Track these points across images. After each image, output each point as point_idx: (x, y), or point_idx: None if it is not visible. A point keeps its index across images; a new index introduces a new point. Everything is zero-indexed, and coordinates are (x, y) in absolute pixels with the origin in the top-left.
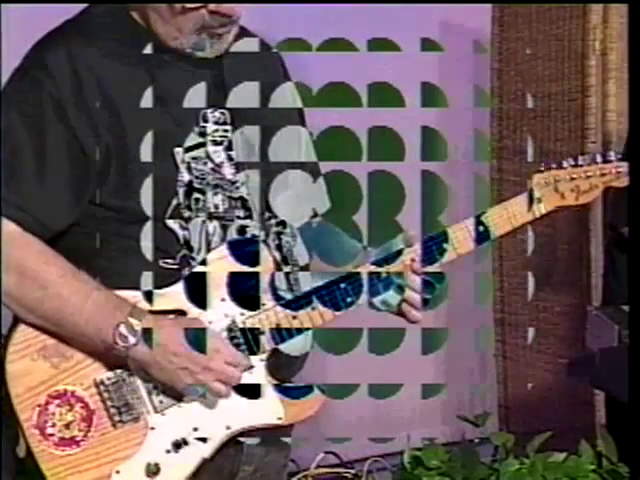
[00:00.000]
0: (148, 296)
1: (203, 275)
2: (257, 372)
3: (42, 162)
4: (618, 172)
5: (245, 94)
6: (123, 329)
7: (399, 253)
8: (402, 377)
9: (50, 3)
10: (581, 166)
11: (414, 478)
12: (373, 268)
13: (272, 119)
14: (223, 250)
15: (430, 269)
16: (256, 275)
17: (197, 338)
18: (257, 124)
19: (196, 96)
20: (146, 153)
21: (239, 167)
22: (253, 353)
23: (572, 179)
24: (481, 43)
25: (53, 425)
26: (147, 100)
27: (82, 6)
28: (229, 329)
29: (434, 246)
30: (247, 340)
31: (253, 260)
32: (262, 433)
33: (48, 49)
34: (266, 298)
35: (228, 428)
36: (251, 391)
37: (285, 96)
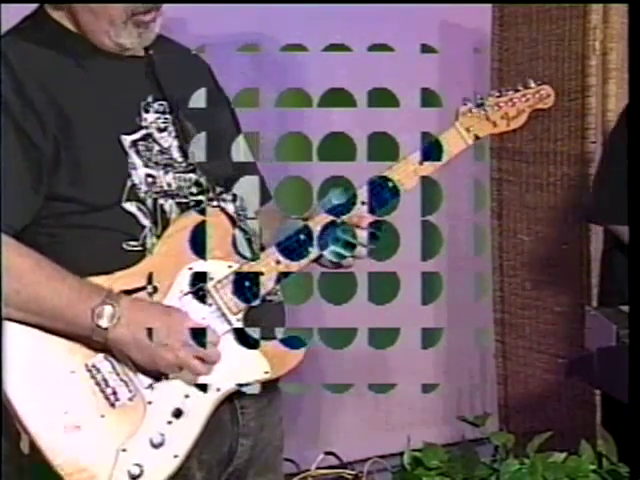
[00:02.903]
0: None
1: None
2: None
3: None
4: (540, 95)
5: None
6: (100, 311)
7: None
8: (401, 375)
9: (49, 3)
10: (505, 95)
11: (414, 478)
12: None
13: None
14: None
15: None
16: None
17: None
18: (195, 122)
19: (133, 87)
20: (93, 143)
21: (186, 149)
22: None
23: (499, 107)
24: (481, 44)
25: (52, 415)
26: (87, 93)
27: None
28: (199, 296)
29: (383, 189)
30: (223, 302)
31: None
32: (254, 400)
33: None
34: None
35: (218, 390)
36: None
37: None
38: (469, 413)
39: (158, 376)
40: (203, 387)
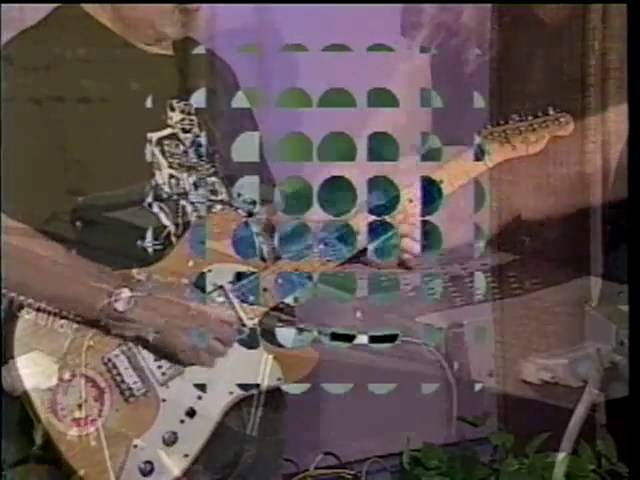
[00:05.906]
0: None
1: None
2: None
3: (21, 152)
4: (560, 122)
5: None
6: (118, 294)
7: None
8: (401, 375)
9: (50, 3)
10: (526, 120)
11: (413, 478)
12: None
13: (231, 121)
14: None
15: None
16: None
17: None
18: (219, 123)
19: (161, 84)
20: (119, 139)
21: (209, 151)
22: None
23: (519, 131)
24: (481, 44)
25: (66, 408)
26: (116, 88)
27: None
28: (219, 293)
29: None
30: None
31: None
32: (261, 407)
33: (17, 46)
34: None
35: (231, 393)
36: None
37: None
38: (469, 413)
39: (175, 361)
40: (215, 396)
